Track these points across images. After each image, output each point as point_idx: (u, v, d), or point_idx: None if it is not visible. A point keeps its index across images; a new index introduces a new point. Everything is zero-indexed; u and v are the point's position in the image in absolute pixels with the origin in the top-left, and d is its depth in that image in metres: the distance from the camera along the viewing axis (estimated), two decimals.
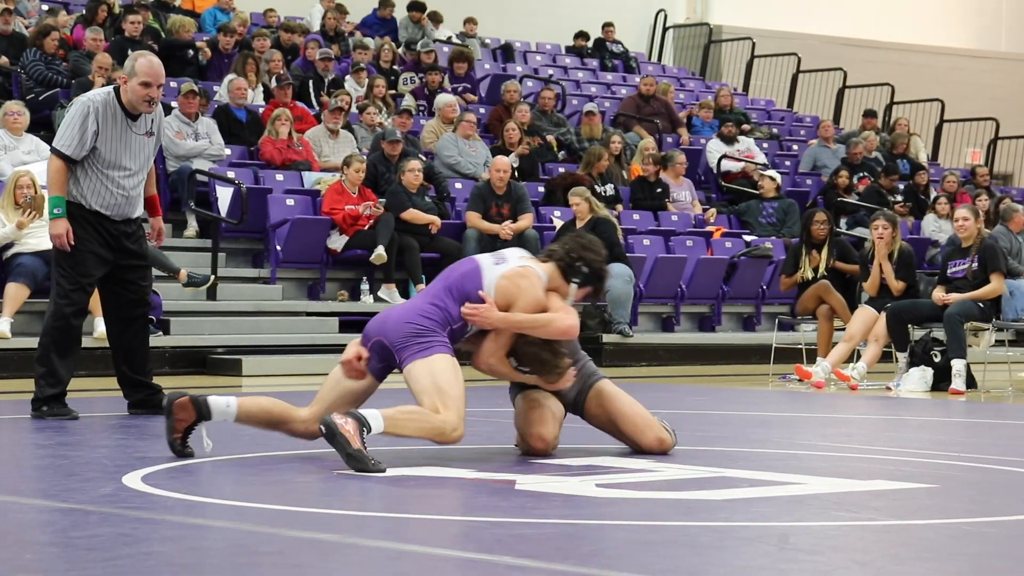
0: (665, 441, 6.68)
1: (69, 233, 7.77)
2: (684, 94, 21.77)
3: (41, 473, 6.16)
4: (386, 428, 5.94)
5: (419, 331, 6.17)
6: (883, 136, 20.47)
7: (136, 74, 7.79)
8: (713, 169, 18.19)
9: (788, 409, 10.24)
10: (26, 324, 11.32)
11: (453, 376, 6.12)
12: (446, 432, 6.04)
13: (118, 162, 7.86)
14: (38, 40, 14.79)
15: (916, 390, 11.61)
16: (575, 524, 4.87)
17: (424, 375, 6.09)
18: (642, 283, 14.63)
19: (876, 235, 12.13)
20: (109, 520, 4.74)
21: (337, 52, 18.03)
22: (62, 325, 7.90)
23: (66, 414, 7.88)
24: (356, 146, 15.10)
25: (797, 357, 13.04)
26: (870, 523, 5.01)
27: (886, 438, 8.36)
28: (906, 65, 25.65)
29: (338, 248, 13.50)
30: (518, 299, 6.26)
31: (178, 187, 13.77)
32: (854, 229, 16.66)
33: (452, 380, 6.10)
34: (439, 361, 6.12)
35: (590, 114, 17.64)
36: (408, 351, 6.14)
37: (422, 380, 6.09)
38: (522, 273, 6.32)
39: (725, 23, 25.28)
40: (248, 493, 5.41)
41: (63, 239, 7.77)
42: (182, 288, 12.19)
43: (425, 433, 6.05)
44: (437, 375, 6.08)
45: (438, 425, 6.03)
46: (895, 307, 11.85)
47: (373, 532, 4.70)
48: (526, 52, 22.29)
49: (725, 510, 5.20)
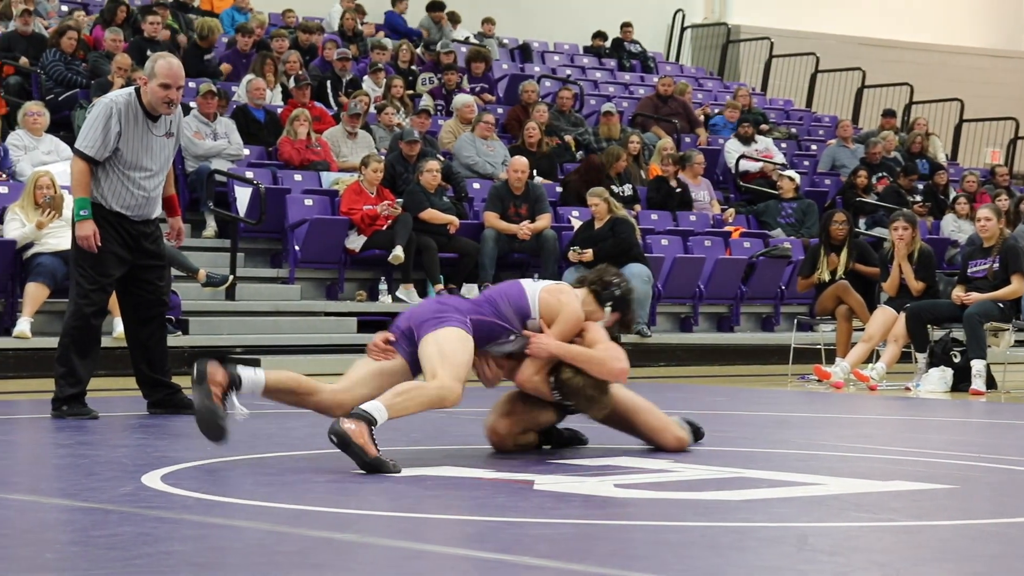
0: (683, 440, 6.75)
1: (96, 235, 7.79)
2: (702, 94, 21.74)
3: (61, 472, 6.17)
4: (390, 415, 5.93)
5: (441, 311, 6.27)
6: (902, 136, 20.42)
7: (156, 75, 7.81)
8: (731, 169, 18.17)
9: (807, 410, 10.22)
10: (46, 324, 11.35)
11: (458, 344, 6.16)
12: (444, 396, 6.04)
13: (139, 163, 7.88)
14: (57, 41, 14.83)
15: (936, 391, 11.57)
16: (594, 524, 4.87)
17: (431, 343, 6.16)
18: (660, 283, 14.61)
19: (896, 235, 12.10)
20: (129, 519, 4.75)
21: (355, 52, 18.05)
22: (82, 325, 7.93)
23: (86, 414, 7.90)
24: (374, 146, 15.11)
25: (816, 357, 13.02)
26: (889, 524, 5.00)
27: (905, 439, 8.33)
28: (925, 65, 25.58)
29: (356, 248, 13.51)
30: (560, 312, 6.34)
31: (197, 187, 13.80)
32: (873, 229, 16.63)
33: (456, 347, 6.14)
34: (447, 331, 6.18)
35: (608, 114, 17.63)
36: (425, 327, 6.21)
37: (428, 348, 6.15)
38: (561, 288, 6.43)
39: (743, 23, 25.25)
40: (267, 493, 5.42)
41: (90, 240, 7.79)
42: (201, 288, 12.21)
43: (426, 404, 6.04)
44: (442, 342, 6.14)
45: (434, 393, 6.04)
46: (914, 307, 11.82)
47: (391, 532, 4.70)
48: (544, 52, 22.28)
49: (744, 510, 5.19)
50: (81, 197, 7.81)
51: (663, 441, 6.72)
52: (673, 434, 6.74)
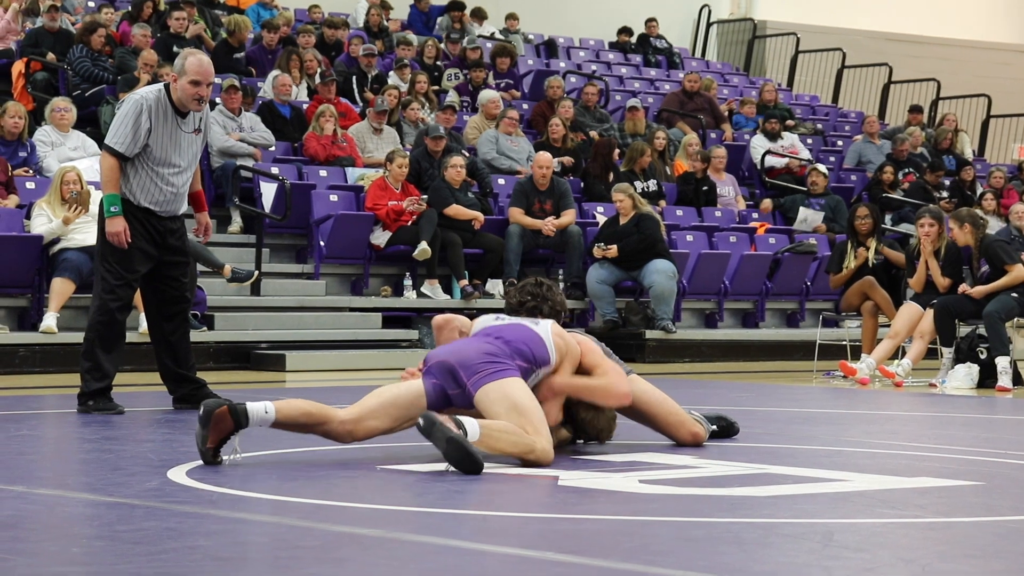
0: (699, 435, 6.83)
1: (127, 231, 7.81)
2: (728, 90, 21.69)
3: (87, 467, 6.20)
4: (481, 437, 5.80)
5: (494, 356, 6.09)
6: (929, 132, 20.34)
7: (186, 72, 7.82)
8: (757, 165, 18.12)
9: (832, 406, 10.19)
10: (72, 319, 11.40)
11: (531, 399, 6.03)
12: (537, 453, 5.91)
13: (168, 159, 7.91)
14: (85, 37, 14.88)
15: (962, 387, 11.53)
16: (619, 520, 4.86)
17: (501, 397, 5.96)
18: (685, 279, 14.59)
19: (922, 232, 12.06)
20: (155, 514, 4.77)
21: (381, 48, 18.06)
22: (107, 320, 7.95)
23: (112, 408, 7.93)
24: (399, 142, 15.12)
25: (841, 353, 12.98)
26: (915, 520, 4.98)
27: (931, 435, 8.30)
28: (952, 60, 25.47)
29: (381, 244, 13.52)
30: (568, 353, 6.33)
31: (222, 183, 13.83)
32: (899, 225, 16.57)
33: (531, 403, 6.01)
34: (515, 383, 6.02)
35: (633, 109, 17.61)
36: (481, 372, 6.02)
37: (500, 402, 5.96)
38: (559, 330, 6.39)
39: (769, 18, 25.17)
40: (291, 488, 5.43)
41: (121, 237, 7.81)
42: (226, 283, 12.24)
43: (519, 450, 5.91)
44: (516, 397, 5.97)
45: (531, 444, 5.90)
46: (943, 301, 11.79)
47: (415, 527, 4.70)
48: (569, 48, 22.26)
49: (769, 506, 5.18)
50: (111, 193, 7.83)
51: (678, 436, 6.79)
52: (688, 429, 6.79)
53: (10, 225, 11.69)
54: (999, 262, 11.74)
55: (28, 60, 14.69)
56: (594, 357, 6.45)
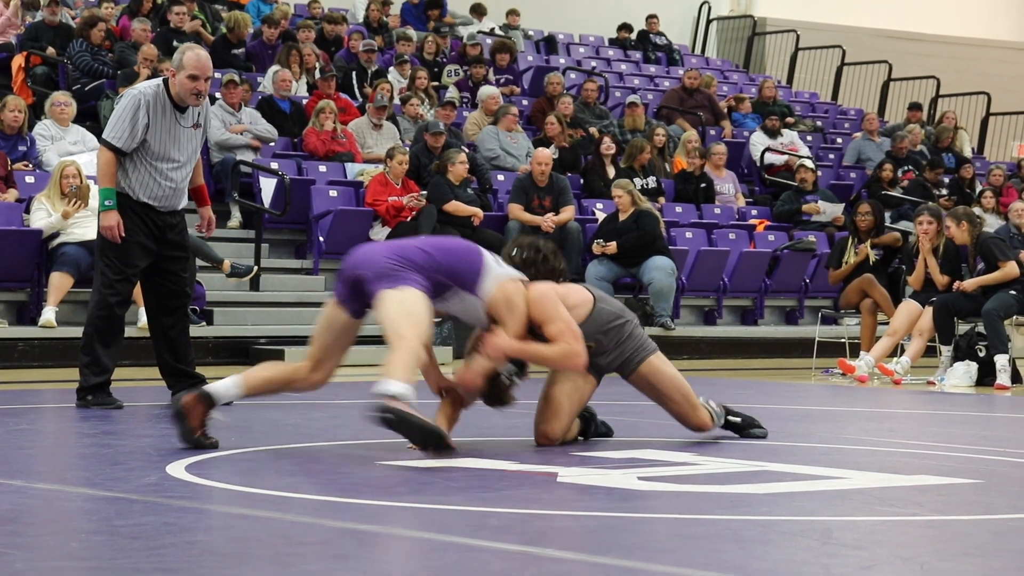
0: (706, 425, 6.89)
1: (120, 225, 7.81)
2: (727, 87, 21.69)
3: (86, 462, 6.20)
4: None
5: (396, 268, 6.15)
6: (928, 129, 20.34)
7: (184, 67, 7.82)
8: (756, 162, 18.12)
9: (831, 403, 10.20)
10: (71, 313, 11.40)
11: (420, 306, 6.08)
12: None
13: (166, 154, 7.90)
14: (85, 31, 14.88)
15: (960, 385, 11.54)
16: (617, 517, 4.86)
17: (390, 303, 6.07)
18: (684, 276, 14.59)
19: (921, 229, 12.07)
20: (153, 509, 4.77)
21: (380, 43, 18.06)
22: (106, 315, 7.95)
23: (111, 403, 7.93)
24: (399, 138, 15.12)
25: (840, 351, 12.98)
26: (914, 518, 4.99)
27: (930, 433, 8.31)
28: (952, 58, 25.47)
29: (381, 239, 13.52)
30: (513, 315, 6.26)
31: (222, 178, 13.83)
32: (898, 223, 16.57)
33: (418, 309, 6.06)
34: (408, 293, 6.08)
35: (633, 105, 17.61)
36: (378, 282, 6.12)
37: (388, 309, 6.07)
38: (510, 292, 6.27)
39: (769, 15, 25.17)
40: (291, 483, 5.43)
41: (114, 231, 7.81)
42: (225, 278, 12.24)
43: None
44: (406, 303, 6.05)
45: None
46: (942, 300, 11.79)
47: (415, 523, 4.71)
48: (569, 44, 22.25)
49: (768, 504, 5.19)
50: (107, 187, 7.83)
51: (684, 421, 6.83)
52: (696, 417, 6.82)
53: (9, 219, 11.69)
54: (993, 259, 11.76)
55: (28, 54, 14.68)
56: (544, 311, 6.28)
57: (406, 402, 5.77)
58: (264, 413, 8.12)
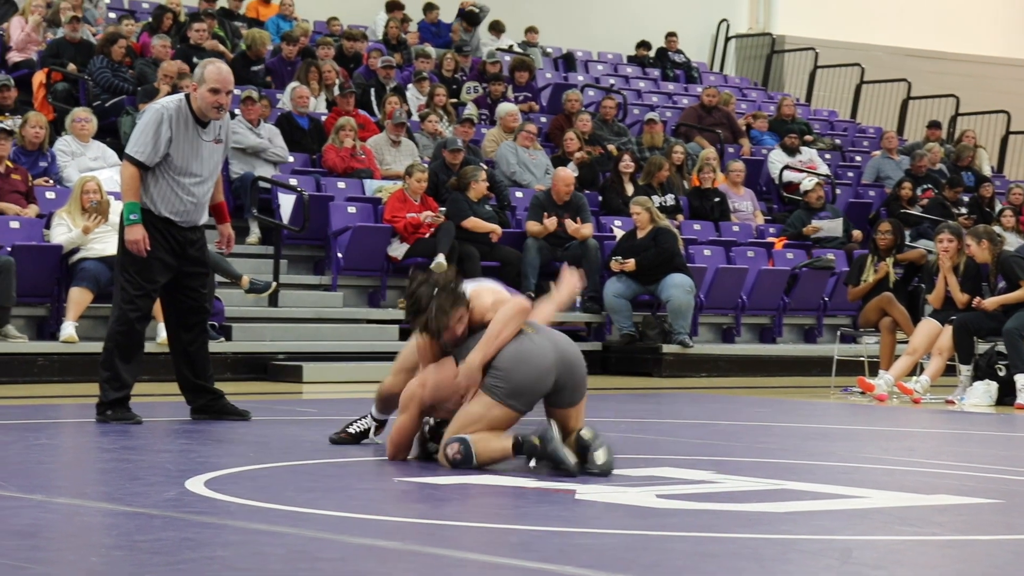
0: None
1: (146, 239, 7.83)
2: (746, 104, 21.69)
3: (106, 477, 6.21)
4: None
5: None
6: (947, 148, 20.30)
7: (205, 81, 7.85)
8: (775, 180, 18.11)
9: (850, 422, 10.17)
10: (90, 328, 11.43)
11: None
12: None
13: (188, 169, 7.92)
14: (105, 48, 14.94)
15: (980, 404, 11.50)
16: (636, 535, 4.86)
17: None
18: (703, 293, 14.57)
19: (941, 248, 12.04)
20: (173, 524, 4.77)
21: (399, 60, 18.10)
22: (126, 330, 7.97)
23: (130, 418, 7.94)
24: (418, 155, 15.15)
25: (858, 370, 12.95)
26: (934, 538, 4.97)
27: (950, 452, 8.28)
28: (971, 76, 25.43)
29: (399, 256, 13.54)
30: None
31: (241, 194, 13.86)
32: (917, 241, 16.53)
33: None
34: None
35: (651, 122, 17.61)
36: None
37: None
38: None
39: (788, 33, 25.17)
40: (309, 499, 5.43)
41: (140, 245, 7.83)
42: (244, 294, 12.26)
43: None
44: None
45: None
46: (962, 319, 11.76)
47: (433, 540, 4.70)
48: (587, 61, 22.28)
49: (787, 523, 5.17)
50: (131, 201, 7.85)
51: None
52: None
53: (30, 234, 11.73)
54: (1014, 278, 11.73)
55: (49, 71, 14.74)
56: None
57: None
58: (283, 429, 8.13)
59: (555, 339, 6.30)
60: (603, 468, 6.08)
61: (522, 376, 6.17)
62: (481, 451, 6.11)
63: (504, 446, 6.09)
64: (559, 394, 6.25)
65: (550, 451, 5.96)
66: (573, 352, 6.31)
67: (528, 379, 6.16)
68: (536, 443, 6.00)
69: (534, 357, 6.19)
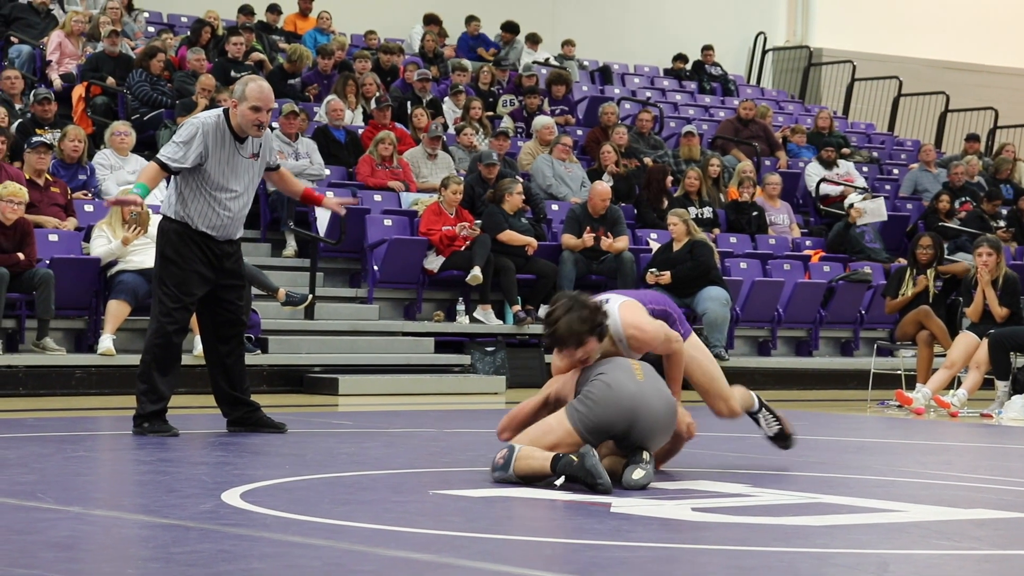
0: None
1: (137, 200, 7.84)
2: (783, 117, 21.63)
3: (142, 489, 6.23)
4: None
5: None
6: (986, 161, 20.19)
7: (246, 98, 7.89)
8: (812, 193, 18.06)
9: (887, 435, 10.12)
10: (128, 341, 11.49)
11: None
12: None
13: (225, 184, 7.96)
14: (144, 61, 15.04)
15: (1019, 418, 11.42)
16: (671, 548, 4.84)
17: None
18: (739, 306, 14.54)
19: (980, 261, 11.97)
20: (209, 536, 4.79)
21: (436, 73, 18.14)
22: (163, 343, 8.00)
23: (167, 431, 7.97)
24: (454, 167, 15.18)
25: (895, 383, 12.88)
26: (971, 552, 4.94)
27: (988, 466, 8.23)
28: (1010, 88, 25.29)
29: (435, 269, 13.56)
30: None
31: (277, 207, 13.92)
32: (955, 254, 16.44)
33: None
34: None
35: (689, 135, 17.60)
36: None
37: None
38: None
39: (825, 46, 25.10)
40: (344, 511, 5.44)
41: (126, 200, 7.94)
42: (280, 307, 12.30)
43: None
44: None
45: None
46: (997, 334, 11.69)
47: (468, 553, 4.70)
48: (624, 74, 22.28)
49: (823, 536, 5.15)
50: (143, 185, 7.84)
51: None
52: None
53: (69, 247, 11.81)
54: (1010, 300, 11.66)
55: (88, 84, 14.85)
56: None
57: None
58: (318, 442, 8.15)
59: (639, 391, 6.27)
60: (635, 484, 6.07)
61: (608, 414, 6.20)
62: (521, 465, 6.11)
63: (543, 465, 6.08)
64: (626, 439, 6.26)
65: (588, 467, 5.94)
66: (650, 414, 6.27)
67: (609, 419, 6.20)
68: (574, 460, 5.99)
69: (624, 400, 6.22)
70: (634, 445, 6.23)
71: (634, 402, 6.22)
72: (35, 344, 11.30)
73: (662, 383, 6.38)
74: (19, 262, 11.10)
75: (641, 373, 6.30)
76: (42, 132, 13.15)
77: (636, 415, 6.20)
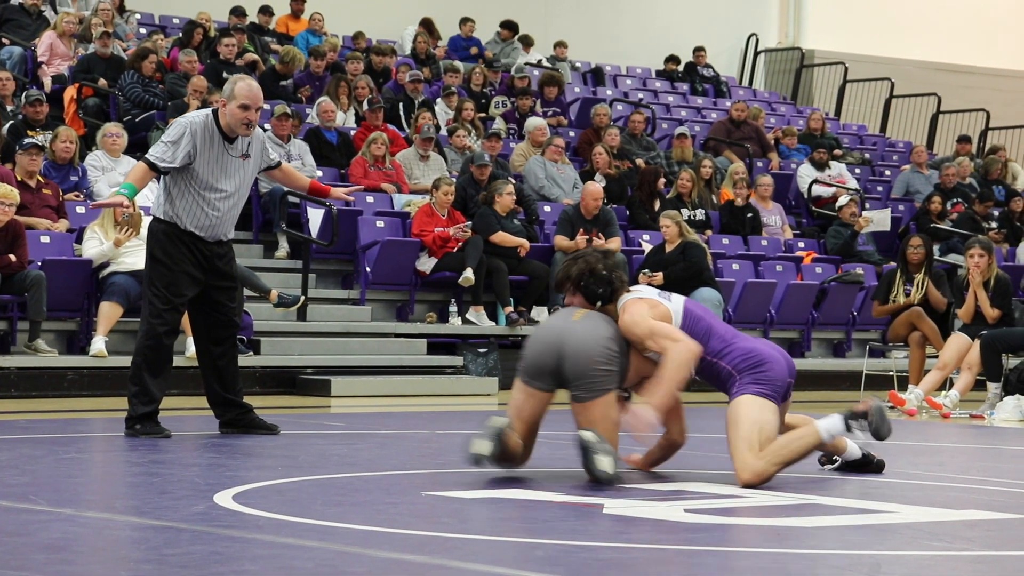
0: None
1: (124, 201, 7.83)
2: (775, 119, 21.66)
3: (134, 491, 6.23)
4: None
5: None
6: (977, 162, 20.22)
7: (235, 97, 7.89)
8: (804, 194, 18.08)
9: None
10: (120, 343, 11.48)
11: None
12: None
13: (214, 184, 7.96)
14: (136, 63, 15.03)
15: (1010, 419, 11.43)
16: (664, 549, 4.85)
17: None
18: (731, 308, 14.55)
19: (972, 262, 11.99)
20: (201, 538, 4.79)
21: (428, 75, 18.13)
22: (154, 344, 8.00)
23: (159, 432, 7.97)
24: (446, 169, 15.18)
25: (887, 384, 12.90)
26: (963, 553, 4.94)
27: (980, 467, 8.24)
28: (1002, 90, 25.33)
29: (427, 270, 13.56)
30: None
31: (270, 208, 13.92)
32: (947, 256, 16.47)
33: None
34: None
35: (682, 136, 17.61)
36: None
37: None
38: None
39: (817, 47, 25.13)
40: (337, 513, 5.44)
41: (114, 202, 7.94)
42: (273, 308, 12.30)
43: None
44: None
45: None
46: (989, 336, 11.70)
47: (461, 554, 4.70)
48: (616, 76, 22.29)
49: (815, 537, 5.15)
50: (131, 185, 7.83)
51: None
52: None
53: (61, 249, 11.80)
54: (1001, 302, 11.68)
55: (80, 86, 14.83)
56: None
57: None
58: (311, 443, 8.15)
59: (567, 326, 6.37)
60: (608, 478, 6.13)
61: (535, 350, 6.41)
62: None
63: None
64: (564, 383, 6.36)
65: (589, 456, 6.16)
66: (577, 342, 6.32)
67: (537, 353, 6.37)
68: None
69: (549, 335, 6.41)
70: (573, 393, 6.34)
71: (559, 335, 6.37)
72: (27, 346, 11.28)
73: (604, 327, 6.39)
74: (11, 264, 11.09)
75: (580, 315, 6.44)
76: (33, 134, 13.13)
77: (562, 347, 6.31)
